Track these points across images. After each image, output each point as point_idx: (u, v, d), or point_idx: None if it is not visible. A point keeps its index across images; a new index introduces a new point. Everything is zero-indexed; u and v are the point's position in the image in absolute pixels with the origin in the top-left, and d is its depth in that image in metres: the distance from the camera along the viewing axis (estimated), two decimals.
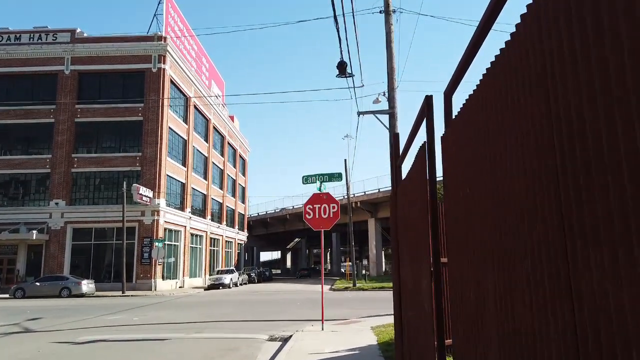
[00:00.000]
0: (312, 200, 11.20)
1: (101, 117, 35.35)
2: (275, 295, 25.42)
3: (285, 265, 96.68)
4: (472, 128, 2.13)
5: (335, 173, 11.39)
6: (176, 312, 16.18)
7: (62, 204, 34.15)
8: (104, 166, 34.81)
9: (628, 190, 0.94)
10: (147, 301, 23.03)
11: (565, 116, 1.21)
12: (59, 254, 33.59)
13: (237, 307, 17.96)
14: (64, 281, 28.10)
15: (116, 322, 13.34)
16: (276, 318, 13.78)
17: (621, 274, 0.95)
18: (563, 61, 1.22)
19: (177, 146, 38.96)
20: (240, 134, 62.46)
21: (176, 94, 38.81)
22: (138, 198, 31.91)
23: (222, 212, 51.85)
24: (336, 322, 12.47)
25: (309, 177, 11.49)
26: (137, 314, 15.83)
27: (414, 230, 3.84)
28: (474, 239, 2.13)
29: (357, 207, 48.56)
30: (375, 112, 15.32)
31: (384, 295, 22.28)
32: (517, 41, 1.56)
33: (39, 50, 35.76)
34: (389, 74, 15.03)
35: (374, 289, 27.52)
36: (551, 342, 1.31)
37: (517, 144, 1.54)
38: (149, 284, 32.70)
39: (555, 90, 1.26)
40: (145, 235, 33.71)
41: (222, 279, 36.54)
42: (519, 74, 1.53)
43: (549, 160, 1.30)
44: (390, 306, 15.24)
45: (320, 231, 11.29)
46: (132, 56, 35.66)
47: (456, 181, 2.50)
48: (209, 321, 13.19)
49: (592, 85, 1.08)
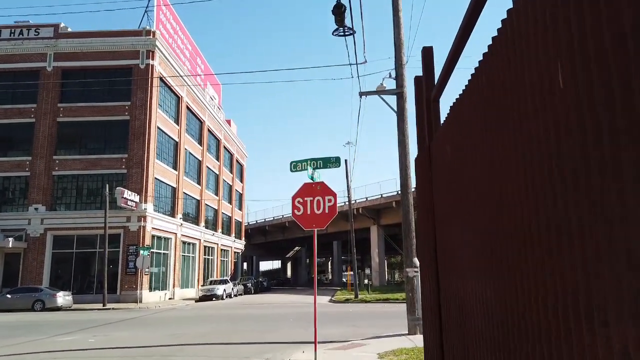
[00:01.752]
0: (302, 192, 8.78)
1: (85, 116, 33.07)
2: (268, 309, 22.90)
3: (286, 275, 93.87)
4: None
5: (331, 157, 8.99)
6: (145, 331, 13.70)
7: (42, 209, 31.75)
8: (88, 168, 32.47)
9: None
10: (124, 316, 20.55)
11: None
12: (38, 263, 31.12)
13: (220, 324, 15.46)
14: (38, 293, 25.61)
15: (65, 346, 10.89)
16: (261, 339, 11.31)
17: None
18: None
19: (168, 148, 36.64)
20: (238, 138, 60.20)
21: (167, 92, 36.57)
22: (122, 202, 29.51)
23: (218, 219, 49.38)
24: (334, 345, 10.01)
25: (298, 162, 9.09)
26: (99, 333, 13.37)
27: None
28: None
29: (359, 214, 46.09)
30: (380, 91, 12.96)
31: (390, 310, 19.75)
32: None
33: (20, 46, 33.61)
34: (396, 48, 12.65)
35: (378, 301, 24.97)
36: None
37: None
38: (134, 296, 30.19)
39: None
40: (131, 243, 31.27)
41: (214, 290, 34.03)
42: None
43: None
44: (400, 323, 12.73)
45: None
46: (118, 52, 33.48)
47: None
48: (177, 344, 10.72)
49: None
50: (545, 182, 1.30)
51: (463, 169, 2.24)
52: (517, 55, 1.52)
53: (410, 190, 12.02)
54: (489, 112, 1.84)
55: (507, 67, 1.62)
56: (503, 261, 1.60)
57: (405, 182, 11.95)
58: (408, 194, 12.00)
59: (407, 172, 11.97)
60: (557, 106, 1.22)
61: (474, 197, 2.01)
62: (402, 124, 12.14)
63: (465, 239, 2.13)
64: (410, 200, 12.01)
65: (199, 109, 43.85)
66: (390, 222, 46.97)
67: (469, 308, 2.09)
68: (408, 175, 11.96)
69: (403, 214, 11.98)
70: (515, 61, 1.54)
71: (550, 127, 1.26)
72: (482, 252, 1.85)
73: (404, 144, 12.00)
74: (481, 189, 1.93)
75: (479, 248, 1.86)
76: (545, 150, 1.30)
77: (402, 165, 11.96)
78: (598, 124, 1.01)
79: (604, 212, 0.98)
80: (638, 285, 0.87)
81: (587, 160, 1.05)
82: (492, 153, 1.76)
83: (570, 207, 1.14)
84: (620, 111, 0.92)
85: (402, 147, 12.00)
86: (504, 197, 1.64)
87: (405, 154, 11.94)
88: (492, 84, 1.81)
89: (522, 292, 1.48)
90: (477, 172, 1.95)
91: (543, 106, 1.32)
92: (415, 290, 11.37)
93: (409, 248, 11.69)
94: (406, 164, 11.96)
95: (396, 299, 24.59)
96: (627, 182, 0.90)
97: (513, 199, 1.55)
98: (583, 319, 1.09)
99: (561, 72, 1.18)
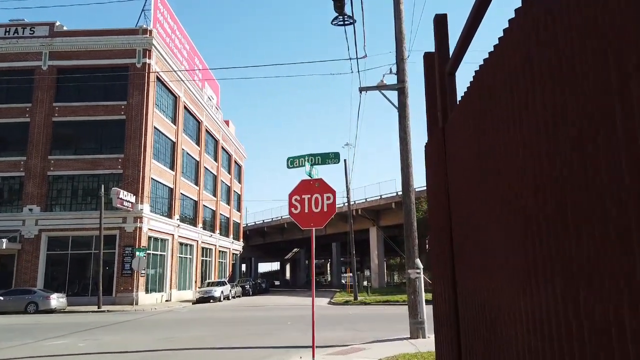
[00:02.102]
0: (300, 190, 8.36)
1: (81, 115, 32.60)
2: (266, 311, 22.44)
3: (285, 277, 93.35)
4: None
5: (330, 153, 8.56)
6: (138, 335, 13.24)
7: (37, 210, 31.26)
8: (83, 169, 31.99)
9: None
10: (118, 318, 20.08)
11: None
12: (32, 265, 30.61)
13: (215, 327, 15.01)
14: (31, 295, 25.12)
15: (51, 351, 10.44)
16: (257, 344, 10.86)
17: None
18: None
19: (165, 148, 36.18)
20: (236, 139, 59.73)
21: (164, 92, 36.12)
22: (118, 203, 29.06)
23: (215, 220, 48.89)
24: (333, 350, 9.57)
25: (295, 158, 8.65)
26: (90, 337, 12.91)
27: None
28: None
29: (358, 215, 45.65)
30: (381, 87, 12.54)
31: (391, 312, 19.31)
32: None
33: (15, 44, 33.13)
34: (397, 41, 12.24)
35: (378, 303, 24.51)
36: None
37: None
38: (130, 298, 29.69)
39: None
40: (127, 244, 30.79)
41: (211, 292, 33.54)
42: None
43: None
44: (402, 327, 12.29)
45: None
46: (114, 50, 33.04)
47: None
48: (170, 349, 10.27)
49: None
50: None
51: (495, 147, 1.82)
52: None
53: (412, 189, 11.59)
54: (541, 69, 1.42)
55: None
56: (578, 256, 1.18)
57: (406, 180, 11.52)
58: (410, 192, 11.57)
59: (408, 170, 11.55)
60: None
61: (515, 179, 1.58)
62: (404, 120, 11.73)
63: (508, 232, 1.70)
64: (412, 199, 11.58)
65: (197, 109, 43.40)
66: (390, 223, 46.55)
67: (506, 319, 1.66)
68: (410, 173, 11.54)
69: (404, 213, 11.55)
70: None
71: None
72: (539, 247, 1.42)
73: (405, 140, 11.58)
74: (528, 167, 1.51)
75: (534, 242, 1.43)
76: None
77: (404, 162, 11.54)
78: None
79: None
80: None
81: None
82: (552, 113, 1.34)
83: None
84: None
85: (403, 144, 11.58)
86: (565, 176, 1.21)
87: (407, 150, 11.53)
88: (543, 28, 1.39)
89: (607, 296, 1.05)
90: (526, 143, 1.52)
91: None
92: (417, 293, 10.94)
93: (410, 249, 11.26)
94: (408, 162, 11.54)
95: (396, 301, 24.14)
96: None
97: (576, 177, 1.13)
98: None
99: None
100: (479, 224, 2.01)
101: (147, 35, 33.18)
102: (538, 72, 1.43)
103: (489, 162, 1.86)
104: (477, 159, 2.03)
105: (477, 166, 2.04)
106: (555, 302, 1.29)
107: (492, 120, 1.83)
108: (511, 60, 1.68)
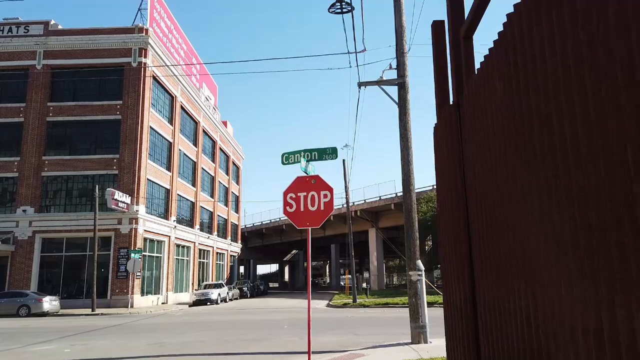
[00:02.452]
0: (295, 187, 7.89)
1: (75, 115, 32.10)
2: (263, 315, 21.94)
3: (283, 279, 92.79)
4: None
5: (327, 148, 8.09)
6: (127, 340, 12.75)
7: (31, 211, 30.74)
8: (78, 169, 31.47)
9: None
10: (111, 322, 19.57)
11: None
12: (25, 267, 30.08)
13: (210, 331, 14.51)
14: (23, 298, 24.59)
15: (35, 357, 9.95)
16: (251, 350, 10.38)
17: None
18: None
19: (161, 149, 35.69)
20: (234, 140, 59.24)
21: (160, 92, 35.64)
22: (113, 204, 28.54)
23: (213, 222, 48.38)
24: (330, 356, 9.09)
25: (290, 154, 8.18)
26: (79, 342, 12.41)
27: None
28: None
29: (357, 216, 45.21)
30: (381, 81, 12.07)
31: (391, 315, 18.84)
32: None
33: (8, 43, 32.65)
34: (397, 35, 11.79)
35: (377, 306, 24.01)
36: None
37: None
38: (125, 301, 29.15)
39: None
40: (122, 246, 30.27)
41: (208, 295, 33.01)
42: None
43: None
44: (402, 331, 11.82)
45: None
46: (110, 49, 32.57)
47: None
48: (159, 355, 9.78)
49: None
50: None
51: (536, 117, 1.35)
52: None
53: (413, 187, 11.14)
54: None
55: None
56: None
57: (407, 178, 11.07)
58: (410, 191, 11.12)
59: (409, 167, 11.10)
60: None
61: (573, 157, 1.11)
62: (404, 116, 11.29)
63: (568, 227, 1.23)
64: (412, 198, 11.13)
65: (194, 109, 42.92)
66: (389, 224, 46.14)
67: (557, 331, 1.19)
68: (410, 170, 11.10)
69: (405, 213, 11.09)
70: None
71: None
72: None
73: (405, 137, 11.13)
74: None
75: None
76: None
77: (404, 159, 11.09)
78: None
79: None
80: None
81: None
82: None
83: None
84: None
85: (403, 141, 11.13)
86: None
87: (408, 147, 11.08)
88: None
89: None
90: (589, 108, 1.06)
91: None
92: (419, 295, 10.48)
93: (411, 250, 10.81)
94: (408, 159, 11.09)
95: (396, 304, 23.66)
96: None
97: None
98: None
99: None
100: (518, 218, 1.54)
101: (143, 34, 32.72)
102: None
103: (543, 136, 1.39)
104: (517, 134, 1.57)
105: (518, 143, 1.57)
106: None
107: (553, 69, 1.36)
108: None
